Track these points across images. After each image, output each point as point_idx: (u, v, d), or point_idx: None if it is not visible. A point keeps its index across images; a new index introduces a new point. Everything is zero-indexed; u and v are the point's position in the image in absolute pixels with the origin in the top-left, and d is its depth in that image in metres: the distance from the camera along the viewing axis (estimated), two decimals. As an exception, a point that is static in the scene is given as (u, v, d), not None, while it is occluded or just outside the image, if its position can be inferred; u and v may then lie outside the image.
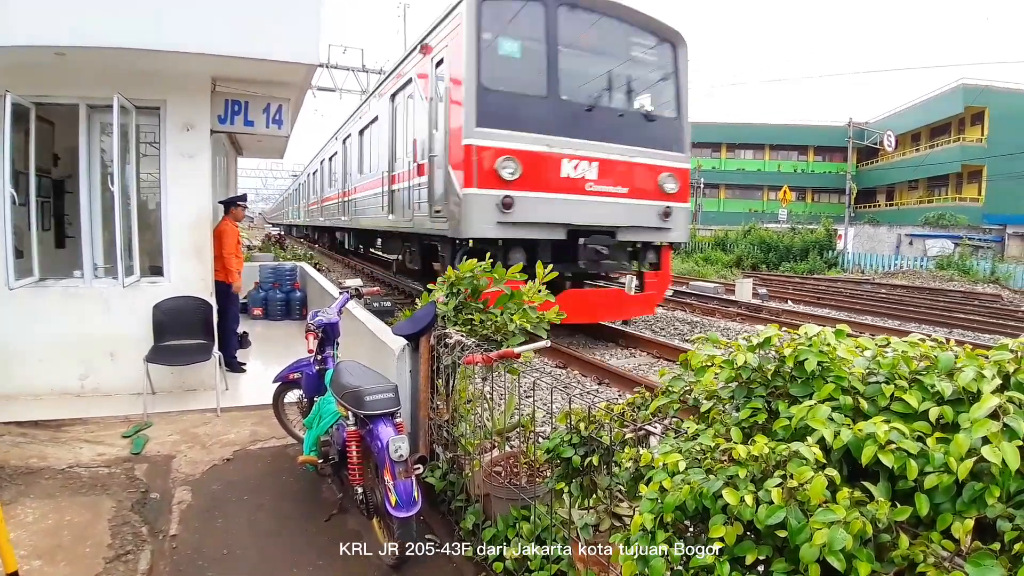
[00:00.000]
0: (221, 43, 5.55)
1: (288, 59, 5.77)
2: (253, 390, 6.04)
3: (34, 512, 3.87)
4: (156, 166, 6.54)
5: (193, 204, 6.38)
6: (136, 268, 6.10)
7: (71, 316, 6.04)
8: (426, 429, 4.17)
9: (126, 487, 4.27)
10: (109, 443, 5.02)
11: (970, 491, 1.50)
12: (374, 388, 3.55)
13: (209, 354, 5.95)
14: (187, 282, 6.30)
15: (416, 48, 10.91)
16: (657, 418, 2.44)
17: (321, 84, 23.60)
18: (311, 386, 4.47)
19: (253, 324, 9.92)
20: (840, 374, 1.85)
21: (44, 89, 5.95)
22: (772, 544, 1.59)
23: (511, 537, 3.20)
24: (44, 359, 5.96)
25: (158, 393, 5.94)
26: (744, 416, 1.96)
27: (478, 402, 3.95)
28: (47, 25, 5.08)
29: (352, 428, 3.66)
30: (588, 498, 2.67)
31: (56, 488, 4.21)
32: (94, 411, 5.63)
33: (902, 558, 1.43)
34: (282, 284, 11.06)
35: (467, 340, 3.84)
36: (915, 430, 1.60)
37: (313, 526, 3.87)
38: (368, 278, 18.62)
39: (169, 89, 6.16)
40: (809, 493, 1.52)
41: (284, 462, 4.78)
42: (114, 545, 3.55)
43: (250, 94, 6.65)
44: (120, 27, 5.22)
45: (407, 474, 3.29)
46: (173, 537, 3.71)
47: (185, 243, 6.37)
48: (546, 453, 2.70)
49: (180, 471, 4.58)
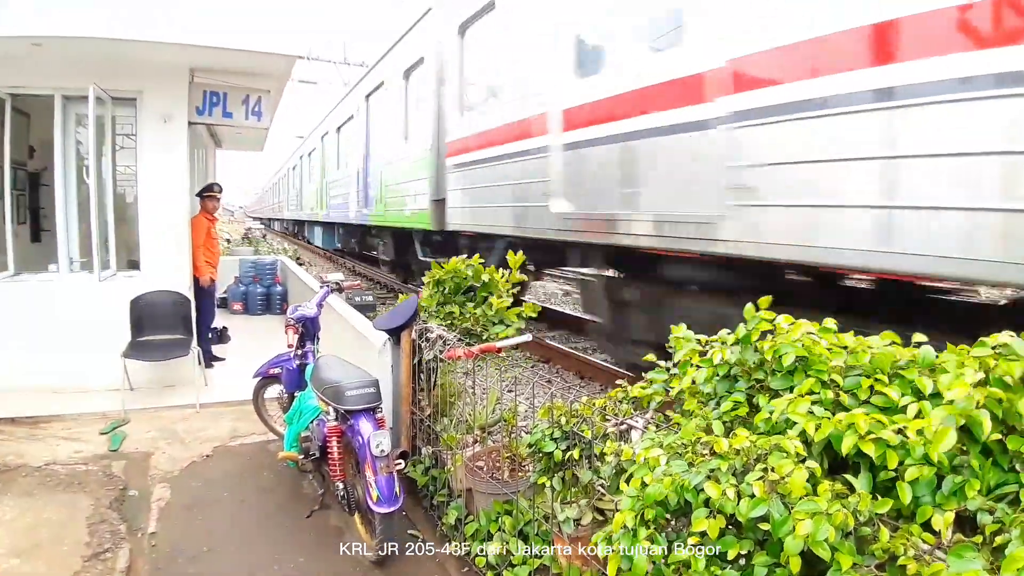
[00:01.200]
0: (199, 33, 5.47)
1: (267, 50, 5.71)
2: (233, 385, 5.98)
3: (11, 510, 3.81)
4: (133, 158, 6.46)
5: (170, 197, 6.29)
6: (113, 262, 6.02)
7: (47, 311, 5.95)
8: (408, 424, 4.15)
9: (104, 484, 4.21)
10: (86, 440, 4.95)
11: (950, 484, 1.51)
12: (355, 383, 3.52)
13: (188, 349, 5.88)
14: (165, 276, 6.22)
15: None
16: (639, 412, 2.44)
17: (302, 77, 23.43)
18: (291, 381, 4.44)
19: (232, 318, 9.83)
20: (821, 368, 1.85)
21: (19, 80, 5.86)
22: (754, 538, 1.59)
23: (493, 531, 3.20)
24: (19, 355, 5.86)
25: (136, 389, 5.88)
26: (726, 410, 1.97)
27: (460, 397, 3.94)
28: (23, 14, 5.00)
29: (333, 423, 3.64)
30: (570, 492, 2.66)
31: (33, 486, 4.15)
32: (71, 407, 5.54)
33: (883, 551, 1.43)
34: (262, 278, 10.95)
35: (448, 335, 3.82)
36: (895, 423, 1.61)
37: (294, 522, 3.85)
38: (350, 272, 18.51)
39: (146, 80, 6.07)
40: (790, 486, 1.52)
41: (264, 458, 4.74)
42: (92, 543, 3.50)
43: (229, 85, 6.56)
44: (97, 16, 5.13)
45: (389, 469, 3.28)
46: (152, 535, 3.66)
47: (162, 237, 6.29)
48: (528, 447, 2.69)
49: (159, 468, 4.53)
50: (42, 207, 8.07)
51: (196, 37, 5.46)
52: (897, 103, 3.14)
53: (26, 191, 7.86)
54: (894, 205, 3.20)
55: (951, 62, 2.91)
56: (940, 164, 3.03)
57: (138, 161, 6.24)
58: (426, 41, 10.03)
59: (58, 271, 6.13)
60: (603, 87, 5.46)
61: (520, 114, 6.82)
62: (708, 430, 1.91)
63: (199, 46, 5.55)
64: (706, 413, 2.00)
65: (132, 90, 6.10)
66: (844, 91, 3.38)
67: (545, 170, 6.26)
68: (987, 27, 2.81)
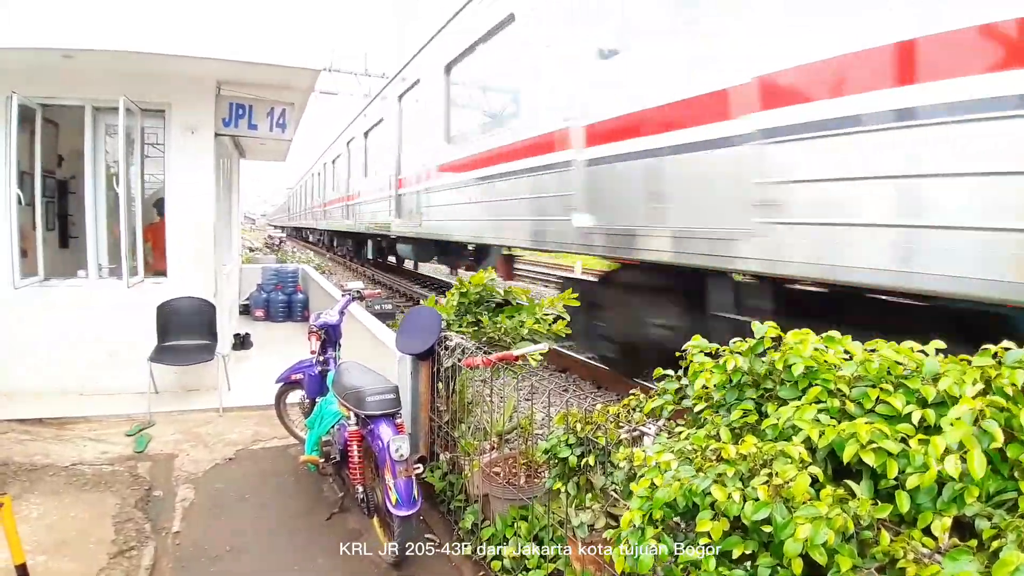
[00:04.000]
0: (227, 47, 5.61)
1: (293, 64, 5.84)
2: (255, 390, 6.09)
3: (39, 508, 3.92)
4: (160, 167, 6.61)
5: (196, 206, 6.44)
6: (140, 269, 6.16)
7: (75, 315, 6.11)
8: (426, 430, 4.23)
9: (129, 484, 4.32)
10: (112, 441, 5.08)
11: (950, 490, 1.56)
12: (376, 389, 3.61)
13: (212, 354, 6.01)
14: (190, 283, 6.35)
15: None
16: (651, 419, 2.49)
17: (323, 88, 23.70)
18: (313, 387, 4.53)
19: (255, 325, 9.98)
20: (828, 377, 1.91)
21: (50, 90, 6.02)
22: (758, 540, 1.65)
23: (509, 536, 3.26)
24: (48, 358, 6.03)
25: (161, 392, 6.00)
26: (735, 417, 2.02)
27: (478, 404, 4.01)
28: (55, 27, 5.16)
29: (354, 428, 3.73)
30: (584, 497, 2.72)
31: (60, 485, 4.26)
32: (97, 410, 5.69)
33: (883, 554, 1.49)
34: (284, 286, 11.13)
35: (467, 343, 3.90)
36: (899, 432, 1.66)
37: (314, 524, 3.93)
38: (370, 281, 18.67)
39: (174, 92, 6.23)
40: (794, 490, 1.58)
41: (286, 462, 4.84)
42: (118, 541, 3.61)
43: (254, 98, 6.71)
44: (127, 30, 5.29)
45: (407, 473, 3.35)
46: (176, 534, 3.76)
47: (188, 244, 6.43)
48: (544, 453, 2.76)
49: (183, 469, 4.64)
50: (70, 214, 8.25)
51: (224, 51, 5.60)
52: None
53: (55, 198, 8.05)
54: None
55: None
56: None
57: (165, 171, 6.39)
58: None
59: (87, 277, 6.28)
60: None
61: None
62: (717, 437, 1.97)
63: (227, 60, 5.68)
64: (716, 420, 2.06)
65: (161, 102, 6.26)
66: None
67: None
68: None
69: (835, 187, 3.61)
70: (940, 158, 3.10)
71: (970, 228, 2.99)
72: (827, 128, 3.58)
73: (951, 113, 3.02)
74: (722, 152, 4.27)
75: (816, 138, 3.65)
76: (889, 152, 3.28)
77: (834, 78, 3.56)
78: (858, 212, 3.46)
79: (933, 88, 3.09)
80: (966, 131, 2.97)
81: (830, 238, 3.62)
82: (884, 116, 3.28)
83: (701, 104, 4.45)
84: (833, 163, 3.59)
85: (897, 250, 3.27)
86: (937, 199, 3.13)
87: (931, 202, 3.14)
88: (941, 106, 3.06)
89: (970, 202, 3.00)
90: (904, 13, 3.22)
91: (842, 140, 3.51)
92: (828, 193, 3.64)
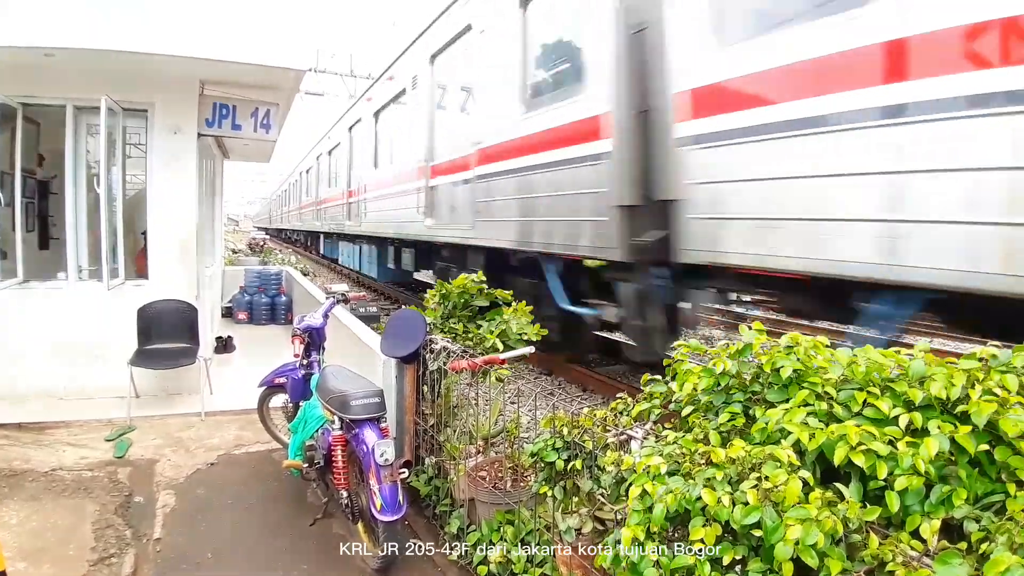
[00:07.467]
0: (210, 46, 5.56)
1: (277, 64, 5.79)
2: (238, 394, 6.02)
3: (18, 514, 3.85)
4: (142, 168, 6.54)
5: (178, 207, 6.36)
6: (121, 271, 6.08)
7: (54, 318, 6.01)
8: (412, 434, 4.20)
9: (109, 490, 4.26)
10: (92, 446, 5.00)
11: (938, 493, 1.56)
12: (360, 393, 3.58)
13: (194, 358, 5.93)
14: (172, 285, 6.27)
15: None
16: (639, 423, 2.49)
17: (308, 89, 23.59)
18: (297, 390, 4.49)
19: (238, 328, 9.90)
20: (815, 380, 1.91)
21: (31, 89, 5.93)
22: (748, 544, 1.64)
23: (495, 540, 3.23)
24: (26, 361, 5.92)
25: (142, 396, 5.93)
26: (723, 421, 2.02)
27: (464, 407, 3.99)
28: (36, 25, 5.08)
29: (338, 432, 3.69)
30: (571, 501, 2.71)
31: (40, 491, 4.19)
32: (77, 414, 5.60)
33: (872, 557, 1.49)
34: (267, 288, 11.03)
35: (453, 346, 3.88)
36: (886, 434, 1.66)
37: (298, 530, 3.89)
38: (354, 283, 18.58)
39: (157, 92, 6.15)
40: (784, 494, 1.58)
41: (269, 466, 4.78)
42: (98, 548, 3.54)
43: (238, 98, 6.65)
44: (109, 28, 5.23)
45: (392, 478, 3.32)
46: (157, 541, 3.71)
47: (170, 246, 6.35)
48: (530, 457, 2.74)
49: (164, 475, 4.57)
50: (50, 215, 8.16)
51: (207, 50, 5.54)
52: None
53: (35, 199, 7.94)
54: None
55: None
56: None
57: (147, 172, 6.31)
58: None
59: (67, 279, 6.18)
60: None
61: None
62: (705, 440, 1.96)
63: (210, 59, 5.62)
64: (704, 424, 2.06)
65: (143, 102, 6.18)
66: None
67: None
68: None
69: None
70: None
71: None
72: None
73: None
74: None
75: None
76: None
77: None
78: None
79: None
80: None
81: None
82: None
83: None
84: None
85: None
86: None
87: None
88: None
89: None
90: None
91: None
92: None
